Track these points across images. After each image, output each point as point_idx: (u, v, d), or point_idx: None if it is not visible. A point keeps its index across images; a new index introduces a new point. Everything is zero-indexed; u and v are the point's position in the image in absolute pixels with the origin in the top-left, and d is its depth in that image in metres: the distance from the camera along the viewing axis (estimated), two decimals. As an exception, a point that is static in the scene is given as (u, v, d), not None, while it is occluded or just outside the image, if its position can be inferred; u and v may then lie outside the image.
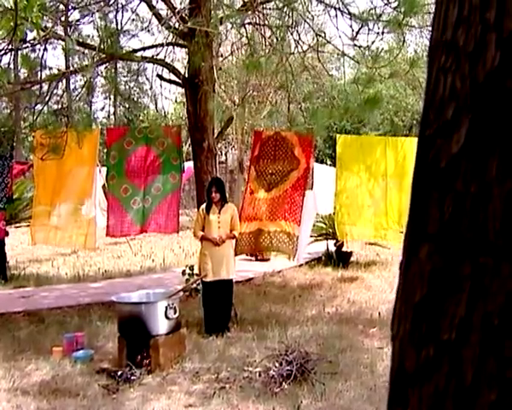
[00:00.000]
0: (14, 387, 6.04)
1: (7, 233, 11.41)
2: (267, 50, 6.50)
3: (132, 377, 6.22)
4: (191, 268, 9.89)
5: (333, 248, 13.22)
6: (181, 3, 7.75)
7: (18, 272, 12.32)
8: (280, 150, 8.42)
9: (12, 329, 8.18)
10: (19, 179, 11.57)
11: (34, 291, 10.34)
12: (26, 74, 7.36)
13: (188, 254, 15.28)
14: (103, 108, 38.61)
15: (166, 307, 6.51)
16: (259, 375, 6.23)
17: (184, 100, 10.51)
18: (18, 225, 11.69)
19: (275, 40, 6.30)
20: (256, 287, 11.04)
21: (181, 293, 6.96)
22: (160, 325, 6.50)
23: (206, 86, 7.44)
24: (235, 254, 8.21)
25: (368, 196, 8.48)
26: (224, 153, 31.57)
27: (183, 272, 10.11)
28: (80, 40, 8.08)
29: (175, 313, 6.59)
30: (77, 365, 6.66)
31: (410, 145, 8.45)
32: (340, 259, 12.86)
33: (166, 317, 6.51)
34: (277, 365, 6.28)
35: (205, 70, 7.14)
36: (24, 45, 7.23)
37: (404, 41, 6.55)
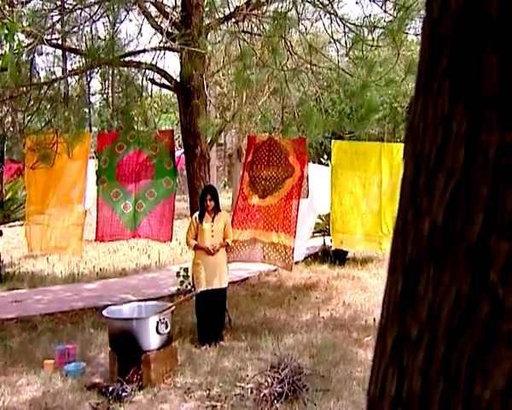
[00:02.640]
0: (5, 406, 5.99)
1: (0, 233, 11.33)
2: (259, 62, 6.36)
3: (123, 394, 6.17)
4: (186, 270, 9.82)
5: (330, 244, 13.13)
6: (174, 8, 7.56)
7: (13, 271, 12.25)
8: (274, 156, 8.30)
9: (4, 337, 8.13)
10: (12, 178, 11.47)
11: (28, 294, 10.28)
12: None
13: (184, 249, 15.19)
14: (101, 92, 38.37)
15: (158, 323, 6.45)
16: (251, 392, 6.19)
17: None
18: (12, 224, 11.61)
19: (266, 51, 6.16)
20: (251, 288, 11.00)
21: (173, 307, 6.88)
22: (152, 341, 6.45)
23: (197, 100, 7.31)
24: (228, 262, 8.13)
25: (363, 203, 8.39)
26: (222, 135, 31.36)
27: (178, 274, 10.06)
28: (72, 46, 7.90)
29: (166, 327, 6.53)
30: (68, 379, 6.61)
31: (405, 151, 8.33)
32: (336, 256, 12.80)
33: (158, 332, 6.45)
34: (269, 380, 6.25)
35: (196, 77, 7.01)
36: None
37: (398, 54, 6.43)
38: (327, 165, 12.62)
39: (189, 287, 9.18)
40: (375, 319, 8.74)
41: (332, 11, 6.34)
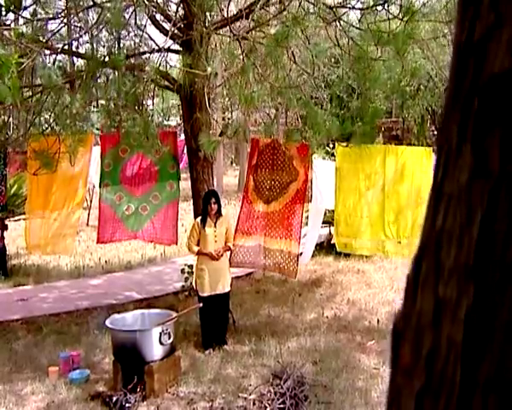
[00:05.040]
0: (9, 418, 6.06)
1: (6, 227, 11.37)
2: (261, 77, 6.27)
3: (127, 405, 6.22)
4: (190, 267, 9.82)
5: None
6: (176, 13, 7.43)
7: (18, 264, 12.30)
8: (278, 160, 8.23)
9: (10, 339, 8.20)
10: (17, 173, 11.46)
11: (33, 291, 10.33)
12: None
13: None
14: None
15: (161, 334, 6.47)
16: (254, 403, 6.22)
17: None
18: (17, 218, 11.61)
19: (269, 60, 6.07)
20: (256, 283, 11.00)
21: (175, 318, 6.89)
22: (155, 351, 6.48)
23: (198, 113, 7.23)
24: (230, 266, 8.13)
25: (366, 206, 8.33)
26: (230, 110, 31.16)
27: (182, 271, 10.08)
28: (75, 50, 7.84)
29: (169, 338, 6.55)
30: (72, 388, 6.66)
31: (409, 154, 8.26)
32: (341, 247, 12.74)
33: (161, 343, 6.48)
34: (272, 391, 6.28)
35: (199, 82, 6.91)
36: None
37: (403, 67, 6.32)
38: (332, 154, 12.53)
39: (193, 283, 9.18)
40: (379, 320, 8.75)
41: (336, 24, 6.23)
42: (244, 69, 5.64)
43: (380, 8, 6.17)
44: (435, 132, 39.16)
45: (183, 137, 10.54)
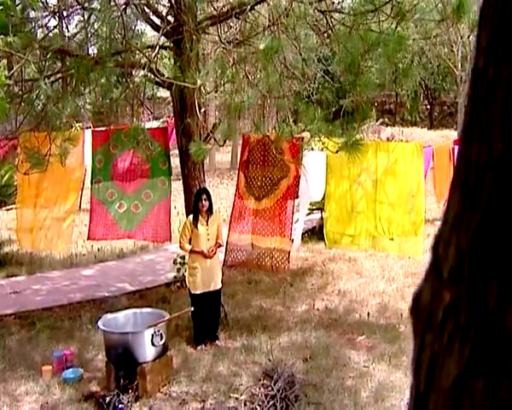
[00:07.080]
0: (3, 421, 6.14)
1: (-3, 217, 11.36)
2: (251, 83, 6.25)
3: (120, 406, 6.32)
4: (182, 258, 9.87)
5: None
6: (168, 13, 7.35)
7: (11, 252, 12.28)
8: (269, 155, 8.25)
9: (3, 335, 8.25)
10: (7, 162, 11.39)
11: (26, 283, 10.35)
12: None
13: (182, 221, 15.18)
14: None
15: (153, 335, 6.54)
16: (245, 404, 6.33)
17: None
18: (9, 207, 11.61)
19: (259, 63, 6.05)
20: (248, 272, 11.04)
21: (167, 320, 6.95)
22: (147, 353, 6.56)
23: (189, 119, 7.22)
24: (224, 265, 8.19)
25: (357, 202, 8.37)
26: (222, 87, 31.00)
27: (174, 262, 10.13)
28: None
29: (161, 339, 6.63)
30: (66, 387, 6.74)
31: (401, 150, 8.28)
32: (333, 233, 12.81)
33: (153, 344, 6.56)
34: (263, 390, 6.39)
35: (190, 90, 6.86)
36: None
37: (395, 71, 6.31)
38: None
39: (186, 281, 9.23)
40: (369, 313, 8.86)
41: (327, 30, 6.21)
42: (234, 77, 5.63)
43: (371, 13, 6.14)
44: (428, 107, 39.09)
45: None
